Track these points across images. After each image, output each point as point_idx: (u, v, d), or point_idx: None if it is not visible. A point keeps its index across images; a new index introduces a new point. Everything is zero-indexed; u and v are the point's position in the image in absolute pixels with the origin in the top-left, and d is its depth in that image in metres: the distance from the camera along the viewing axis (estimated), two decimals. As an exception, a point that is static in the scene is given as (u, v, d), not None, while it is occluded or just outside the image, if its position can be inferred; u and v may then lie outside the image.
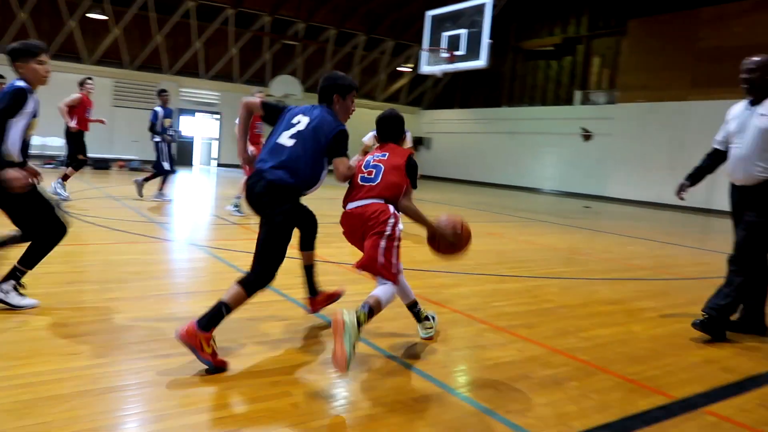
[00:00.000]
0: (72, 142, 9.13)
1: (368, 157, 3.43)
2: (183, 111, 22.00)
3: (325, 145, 3.17)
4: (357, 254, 3.25)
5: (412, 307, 3.57)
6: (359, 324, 2.72)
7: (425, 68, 12.32)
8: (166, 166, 9.85)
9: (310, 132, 3.17)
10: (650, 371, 3.28)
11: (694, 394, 2.98)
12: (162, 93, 9.94)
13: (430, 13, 12.45)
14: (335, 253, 5.94)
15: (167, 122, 9.94)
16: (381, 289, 3.03)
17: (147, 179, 9.90)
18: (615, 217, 13.19)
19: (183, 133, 9.96)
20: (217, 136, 23.05)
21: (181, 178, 16.36)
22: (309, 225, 3.60)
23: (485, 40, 10.71)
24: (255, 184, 3.11)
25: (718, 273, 6.70)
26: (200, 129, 23.09)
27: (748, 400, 2.97)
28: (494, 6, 10.75)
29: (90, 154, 9.61)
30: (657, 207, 17.08)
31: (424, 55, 12.32)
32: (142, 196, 9.74)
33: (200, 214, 9.35)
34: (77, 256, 5.33)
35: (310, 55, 23.25)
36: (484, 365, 3.23)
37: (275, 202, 3.06)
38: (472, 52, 11.06)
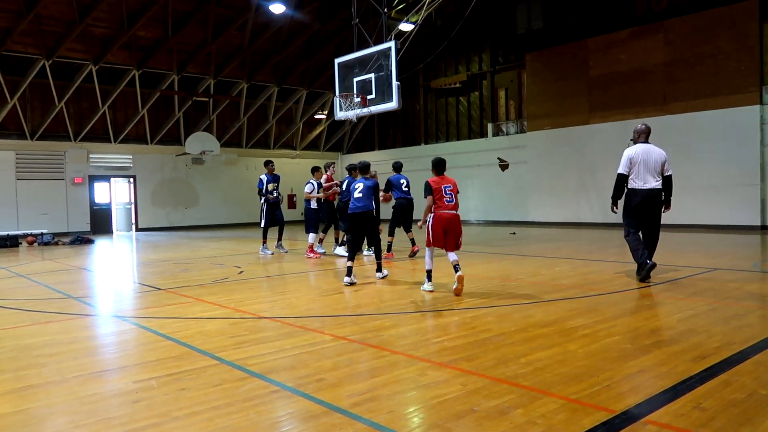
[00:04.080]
0: None
1: (443, 186, 6.53)
2: (96, 178, 21.16)
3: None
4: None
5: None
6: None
7: (340, 114, 12.46)
8: (263, 223, 11.79)
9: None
10: (590, 388, 3.34)
11: (633, 405, 3.05)
12: (268, 163, 11.97)
13: (338, 60, 12.68)
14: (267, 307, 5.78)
15: (271, 187, 11.74)
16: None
17: (280, 241, 11.98)
18: (539, 240, 13.63)
19: (278, 195, 12.04)
20: (133, 201, 22.25)
21: (100, 246, 15.59)
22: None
23: (394, 83, 10.97)
24: None
25: (640, 283, 7.04)
26: (117, 194, 22.17)
27: (683, 404, 3.07)
28: (398, 49, 11.05)
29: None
30: (576, 226, 17.84)
31: (338, 102, 12.48)
32: (286, 251, 11.97)
33: (123, 283, 8.90)
34: (-15, 344, 4.90)
35: (222, 109, 23.07)
36: (429, 405, 3.18)
37: None
38: (384, 95, 11.30)
